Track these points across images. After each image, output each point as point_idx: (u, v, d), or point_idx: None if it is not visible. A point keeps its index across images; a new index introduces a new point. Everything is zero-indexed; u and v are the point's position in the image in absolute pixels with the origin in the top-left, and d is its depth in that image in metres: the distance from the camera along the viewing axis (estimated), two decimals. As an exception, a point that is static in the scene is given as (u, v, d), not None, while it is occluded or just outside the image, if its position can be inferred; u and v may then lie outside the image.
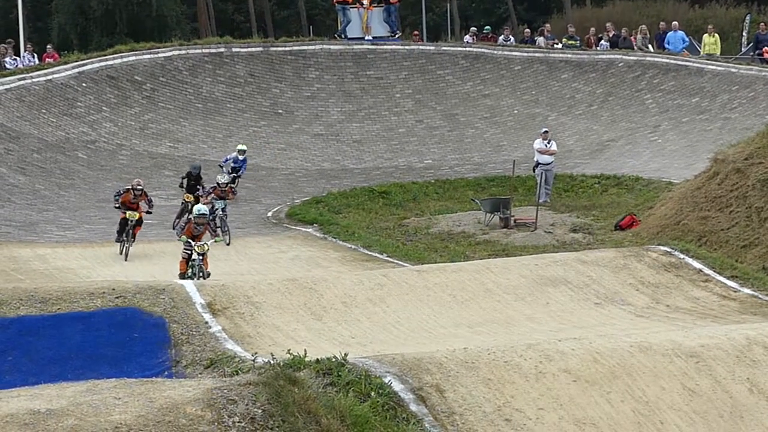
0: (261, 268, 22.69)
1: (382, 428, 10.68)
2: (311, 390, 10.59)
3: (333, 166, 36.02)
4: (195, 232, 21.69)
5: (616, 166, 33.27)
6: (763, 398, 12.06)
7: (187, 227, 21.92)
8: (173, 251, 24.37)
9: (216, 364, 14.27)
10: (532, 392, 11.80)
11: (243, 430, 9.75)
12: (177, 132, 36.48)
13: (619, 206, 28.18)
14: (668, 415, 11.73)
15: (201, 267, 21.07)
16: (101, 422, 9.53)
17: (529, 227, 26.73)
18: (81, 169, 33.02)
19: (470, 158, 36.27)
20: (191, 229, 21.75)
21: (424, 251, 24.48)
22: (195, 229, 21.72)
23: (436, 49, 41.65)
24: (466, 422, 11.29)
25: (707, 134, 34.07)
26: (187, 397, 10.04)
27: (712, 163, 24.15)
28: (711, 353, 12.60)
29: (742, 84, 36.38)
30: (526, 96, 39.48)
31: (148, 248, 24.81)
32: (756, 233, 21.38)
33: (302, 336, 15.79)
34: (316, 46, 40.83)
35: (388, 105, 39.14)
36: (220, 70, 39.06)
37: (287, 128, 37.76)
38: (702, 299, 18.29)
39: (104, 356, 14.90)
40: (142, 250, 24.81)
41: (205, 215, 22.26)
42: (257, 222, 29.02)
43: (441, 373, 11.87)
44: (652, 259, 19.60)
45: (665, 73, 38.48)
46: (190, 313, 15.79)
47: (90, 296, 15.95)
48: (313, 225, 27.89)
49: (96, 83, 36.80)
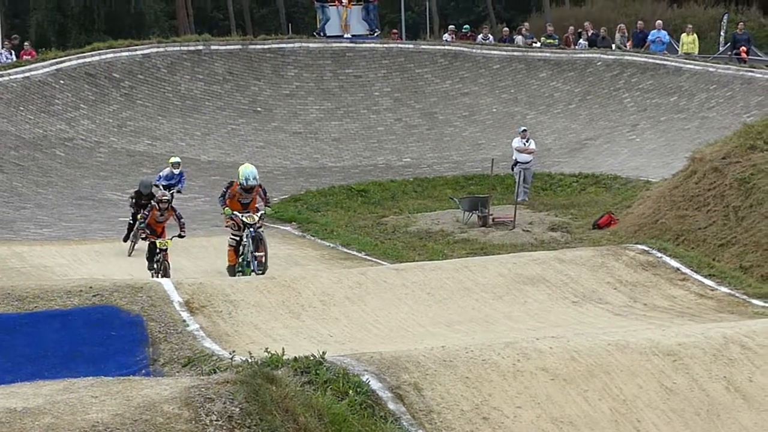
0: (238, 266, 22.62)
1: (359, 426, 10.68)
2: (289, 388, 10.57)
3: (312, 165, 35.98)
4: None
5: (595, 165, 33.35)
6: (739, 397, 12.10)
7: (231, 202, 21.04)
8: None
9: (194, 363, 14.24)
10: (509, 390, 11.81)
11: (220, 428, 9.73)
12: (155, 130, 36.39)
13: (597, 205, 28.25)
14: (645, 414, 11.75)
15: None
16: (78, 421, 9.49)
17: (508, 226, 26.76)
18: (59, 167, 32.90)
19: (449, 156, 36.29)
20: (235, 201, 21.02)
21: (403, 250, 24.50)
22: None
23: (414, 48, 41.66)
24: (444, 420, 11.29)
25: (685, 133, 34.17)
26: (165, 395, 10.01)
27: (689, 162, 24.22)
28: (688, 352, 12.64)
29: (719, 83, 36.50)
30: (504, 94, 39.52)
31: (126, 247, 24.73)
32: (733, 232, 21.44)
33: (280, 334, 15.77)
34: (294, 44, 40.78)
35: (366, 103, 39.13)
36: (198, 68, 38.97)
37: (266, 126, 37.71)
38: (679, 298, 18.33)
39: (81, 354, 14.84)
40: (118, 248, 24.74)
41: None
42: (235, 220, 28.94)
43: (419, 372, 11.87)
44: (629, 257, 19.65)
45: (643, 72, 38.58)
46: (168, 312, 15.75)
47: (67, 294, 15.89)
48: (291, 223, 27.88)
49: (74, 80, 36.67)
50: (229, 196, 21.12)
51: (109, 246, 25.04)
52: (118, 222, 27.92)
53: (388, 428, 10.88)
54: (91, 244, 25.11)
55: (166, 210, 22.53)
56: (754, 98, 34.80)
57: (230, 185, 21.28)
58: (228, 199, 21.15)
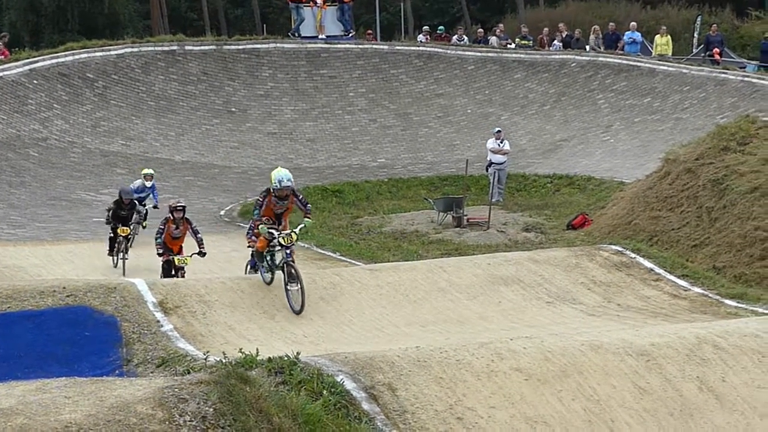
0: (213, 267, 22.58)
1: (334, 427, 10.66)
2: (263, 389, 10.55)
3: (286, 165, 35.80)
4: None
5: (569, 166, 33.44)
6: (712, 396, 12.14)
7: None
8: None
9: (167, 363, 14.19)
10: (483, 391, 11.82)
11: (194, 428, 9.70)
12: (129, 130, 36.30)
13: (571, 206, 28.32)
14: (619, 414, 11.78)
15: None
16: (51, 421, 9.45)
17: (482, 226, 26.79)
18: (32, 167, 32.77)
19: (423, 157, 36.34)
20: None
21: (377, 250, 24.50)
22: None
23: (389, 49, 41.71)
24: (418, 421, 11.29)
25: (659, 134, 34.29)
26: (138, 396, 9.97)
27: (663, 163, 24.30)
28: (661, 352, 12.67)
29: (693, 85, 36.64)
30: (479, 95, 39.58)
31: (99, 247, 24.63)
32: (706, 233, 21.51)
33: (255, 335, 15.74)
34: (269, 45, 40.77)
35: (341, 104, 39.14)
36: (172, 68, 38.91)
37: (240, 126, 37.68)
38: (653, 298, 18.39)
39: (55, 355, 14.77)
40: (92, 249, 24.64)
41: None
42: (210, 220, 28.90)
43: (393, 372, 11.87)
44: (603, 258, 19.70)
45: (617, 73, 38.71)
46: (142, 312, 15.70)
47: (40, 295, 15.81)
48: (266, 224, 27.81)
49: (47, 80, 36.56)
50: (266, 206, 17.34)
51: (83, 246, 24.92)
52: (92, 222, 27.84)
53: (362, 428, 10.87)
54: (64, 245, 25.00)
55: (182, 221, 20.47)
56: (727, 100, 34.95)
57: (266, 194, 17.30)
58: (264, 210, 17.37)
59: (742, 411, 12.01)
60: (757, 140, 22.74)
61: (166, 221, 20.43)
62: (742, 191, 21.44)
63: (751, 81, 35.64)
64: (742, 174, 21.87)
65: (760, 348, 12.89)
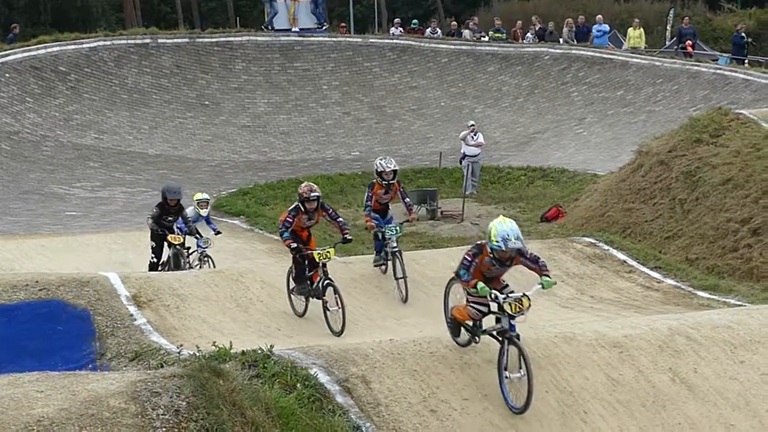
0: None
1: (307, 420, 10.65)
2: (236, 382, 10.53)
3: (260, 158, 35.89)
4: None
5: (542, 159, 33.50)
6: (684, 387, 12.18)
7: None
8: (97, 243, 24.20)
9: (141, 357, 14.15)
10: (457, 383, 11.83)
11: (167, 422, 9.67)
12: (102, 123, 36.17)
13: (545, 198, 28.38)
14: (592, 405, 11.81)
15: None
16: (23, 416, 9.40)
17: (456, 219, 26.83)
18: (4, 161, 32.62)
19: (397, 150, 36.32)
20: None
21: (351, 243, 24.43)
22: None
23: (363, 41, 41.69)
24: (392, 413, 11.29)
25: (632, 127, 34.41)
26: (111, 390, 9.94)
27: (636, 156, 24.40)
28: (634, 343, 12.70)
29: (666, 77, 36.77)
30: (452, 88, 39.61)
31: (72, 240, 24.54)
32: (679, 225, 21.60)
33: (228, 328, 15.71)
34: (242, 38, 40.70)
35: (315, 97, 39.11)
36: (145, 61, 38.79)
37: (214, 120, 37.60)
38: (626, 290, 18.44)
39: (27, 349, 14.70)
40: (65, 242, 24.54)
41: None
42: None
43: (367, 365, 11.87)
44: (577, 250, 19.74)
45: (590, 66, 38.81)
46: (115, 306, 15.64)
47: (13, 289, 15.74)
48: (239, 217, 27.79)
49: (19, 74, 36.39)
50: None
51: (56, 240, 24.81)
52: (64, 216, 27.74)
53: (336, 421, 10.87)
54: (37, 239, 24.88)
55: (315, 211, 17.07)
56: (700, 92, 35.09)
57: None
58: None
59: (715, 402, 12.06)
60: (730, 132, 22.85)
61: (297, 212, 16.89)
62: (715, 183, 21.54)
63: (723, 73, 35.80)
64: (714, 166, 21.98)
65: (732, 339, 12.95)
